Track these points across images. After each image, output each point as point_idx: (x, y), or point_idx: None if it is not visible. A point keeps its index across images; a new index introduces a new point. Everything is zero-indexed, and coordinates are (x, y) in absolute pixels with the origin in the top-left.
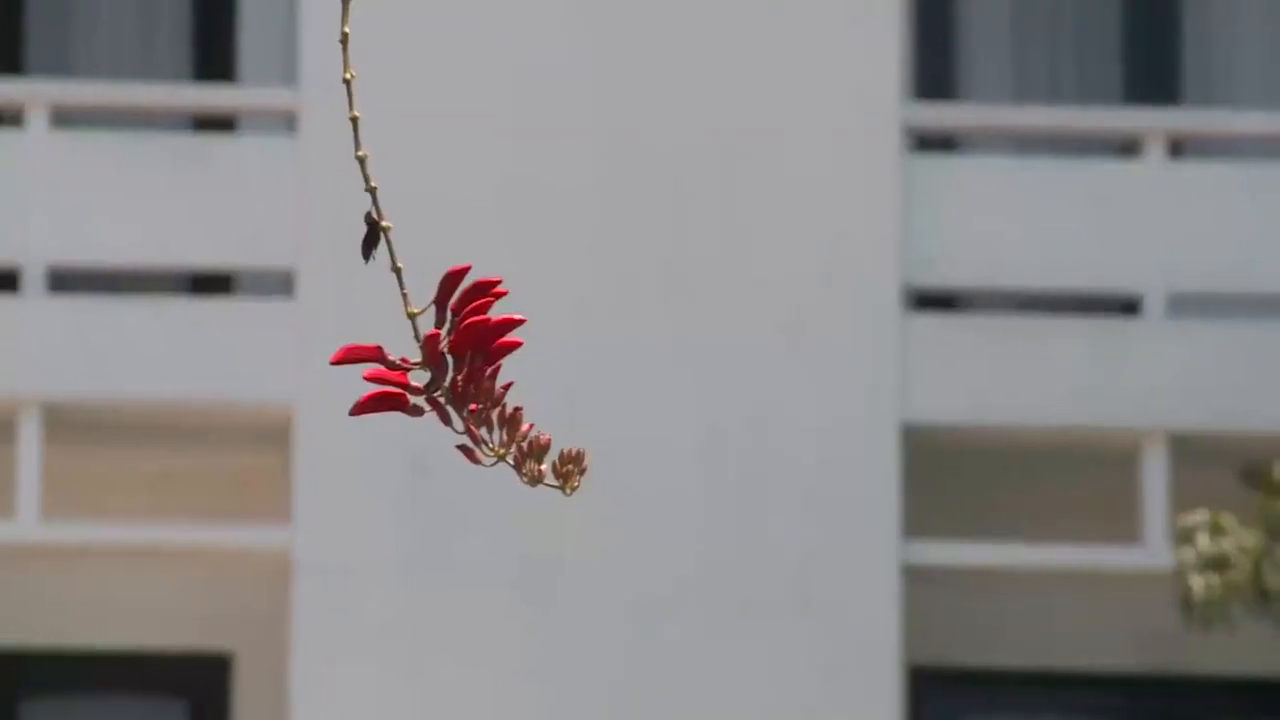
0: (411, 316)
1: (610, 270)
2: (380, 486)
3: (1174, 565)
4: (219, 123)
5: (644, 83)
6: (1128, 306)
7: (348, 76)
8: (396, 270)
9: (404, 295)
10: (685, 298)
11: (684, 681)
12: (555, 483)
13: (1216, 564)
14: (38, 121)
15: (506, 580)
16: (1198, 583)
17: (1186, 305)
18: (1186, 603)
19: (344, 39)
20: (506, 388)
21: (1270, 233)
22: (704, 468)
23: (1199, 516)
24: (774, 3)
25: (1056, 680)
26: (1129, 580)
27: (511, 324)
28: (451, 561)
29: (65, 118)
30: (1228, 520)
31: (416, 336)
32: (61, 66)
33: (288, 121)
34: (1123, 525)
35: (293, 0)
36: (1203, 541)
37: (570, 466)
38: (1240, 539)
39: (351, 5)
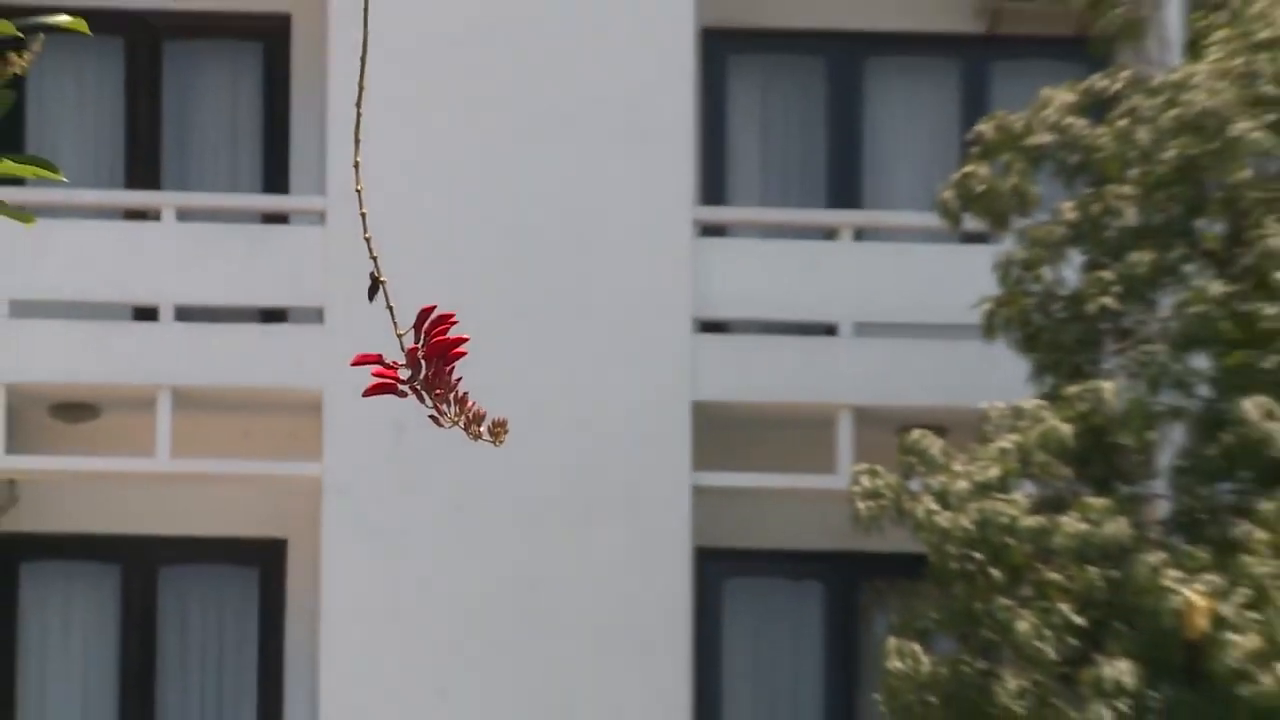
0: (399, 336)
1: (511, 308)
2: (377, 438)
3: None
4: (278, 218)
5: (531, 191)
6: (829, 329)
7: (359, 188)
8: (389, 308)
9: (394, 323)
10: (560, 324)
11: (554, 564)
12: (489, 439)
13: (872, 495)
14: (168, 216)
15: (453, 496)
16: (860, 507)
17: (867, 329)
18: (856, 519)
19: (356, 165)
20: (458, 380)
21: (911, 287)
22: (571, 426)
23: (862, 467)
24: (612, 135)
25: (790, 555)
26: (831, 495)
27: (461, 341)
28: (422, 484)
29: (185, 216)
30: (880, 469)
31: (402, 349)
32: (182, 180)
33: (320, 217)
34: (828, 462)
35: (324, 137)
36: (864, 481)
37: (498, 429)
38: (887, 479)
39: (362, 137)
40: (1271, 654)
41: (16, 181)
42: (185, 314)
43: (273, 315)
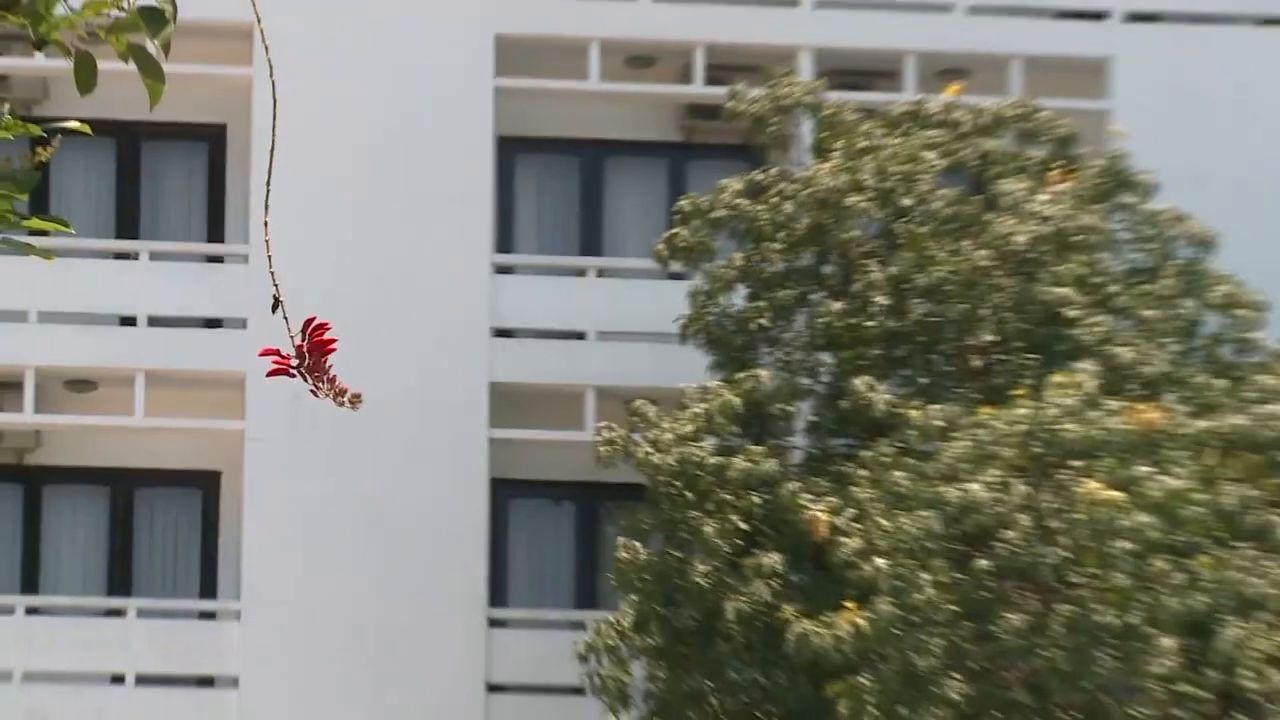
0: (292, 337)
1: (369, 321)
2: (280, 403)
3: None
4: (216, 259)
5: (385, 243)
6: (580, 335)
7: (267, 239)
8: (285, 319)
9: (289, 328)
10: (403, 332)
11: (397, 489)
12: (349, 406)
13: (609, 444)
14: (144, 256)
15: (329, 444)
16: (600, 451)
17: (605, 335)
18: (597, 459)
19: (265, 224)
20: (329, 366)
21: (635, 308)
22: (410, 399)
23: (602, 424)
24: (438, 207)
25: (554, 484)
26: (581, 444)
27: (331, 341)
28: (309, 437)
29: (155, 256)
30: (614, 426)
31: (293, 345)
32: (154, 232)
33: (245, 258)
34: (579, 422)
35: (248, 205)
36: (603, 434)
37: (355, 399)
38: (619, 433)
39: (270, 205)
40: (869, 552)
41: (42, 233)
42: (155, 321)
43: (212, 323)
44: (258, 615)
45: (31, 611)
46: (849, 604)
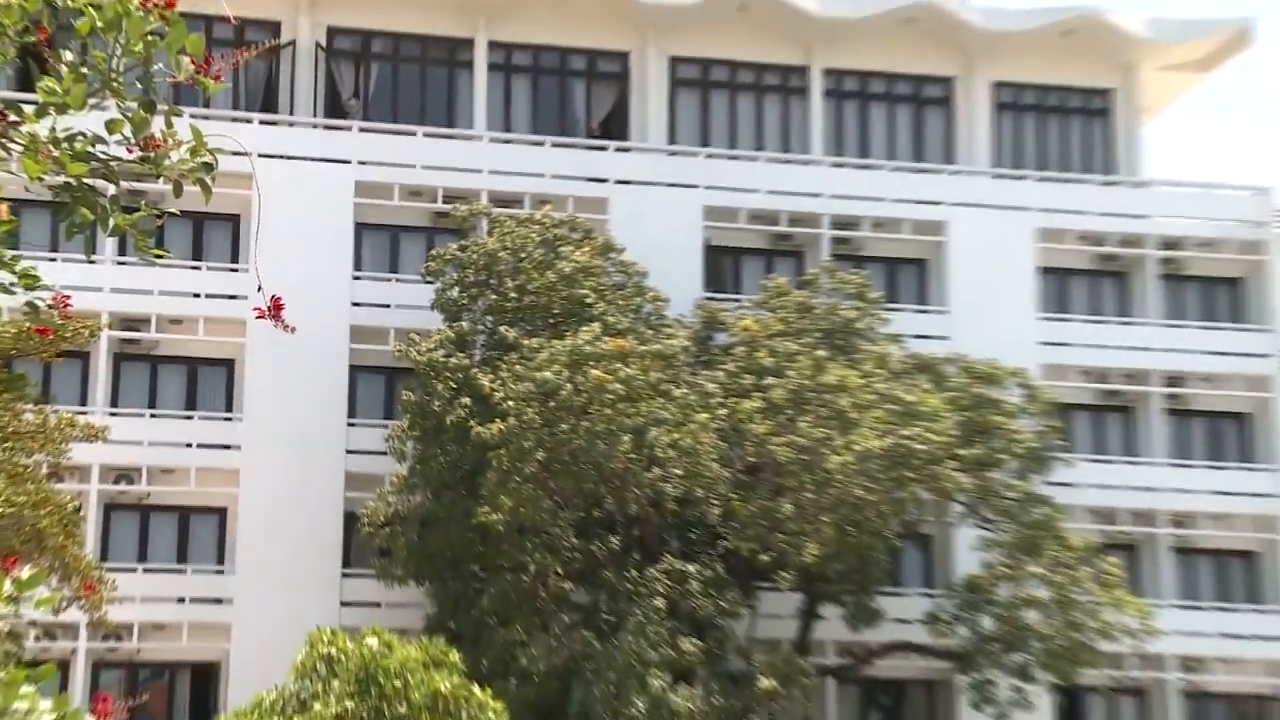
0: (267, 303)
1: (302, 312)
2: (265, 330)
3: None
4: (234, 269)
5: (311, 280)
6: (391, 312)
7: (254, 262)
8: (264, 295)
9: (265, 300)
10: (318, 313)
11: (315, 376)
12: (290, 332)
13: (401, 352)
14: (205, 269)
15: (289, 350)
16: (396, 353)
17: (410, 319)
18: (396, 357)
19: (254, 255)
20: (283, 316)
21: (421, 298)
22: (313, 329)
23: (399, 343)
24: (332, 265)
25: (383, 369)
26: (388, 351)
27: (282, 306)
28: (281, 345)
29: (210, 269)
30: (405, 345)
31: (266, 306)
32: (209, 260)
33: (248, 269)
34: (388, 341)
35: (252, 254)
36: (399, 347)
37: (293, 329)
38: (406, 349)
39: (258, 255)
40: (506, 398)
41: (159, 256)
42: (209, 296)
43: (232, 297)
44: (250, 419)
45: (153, 415)
46: (497, 420)
